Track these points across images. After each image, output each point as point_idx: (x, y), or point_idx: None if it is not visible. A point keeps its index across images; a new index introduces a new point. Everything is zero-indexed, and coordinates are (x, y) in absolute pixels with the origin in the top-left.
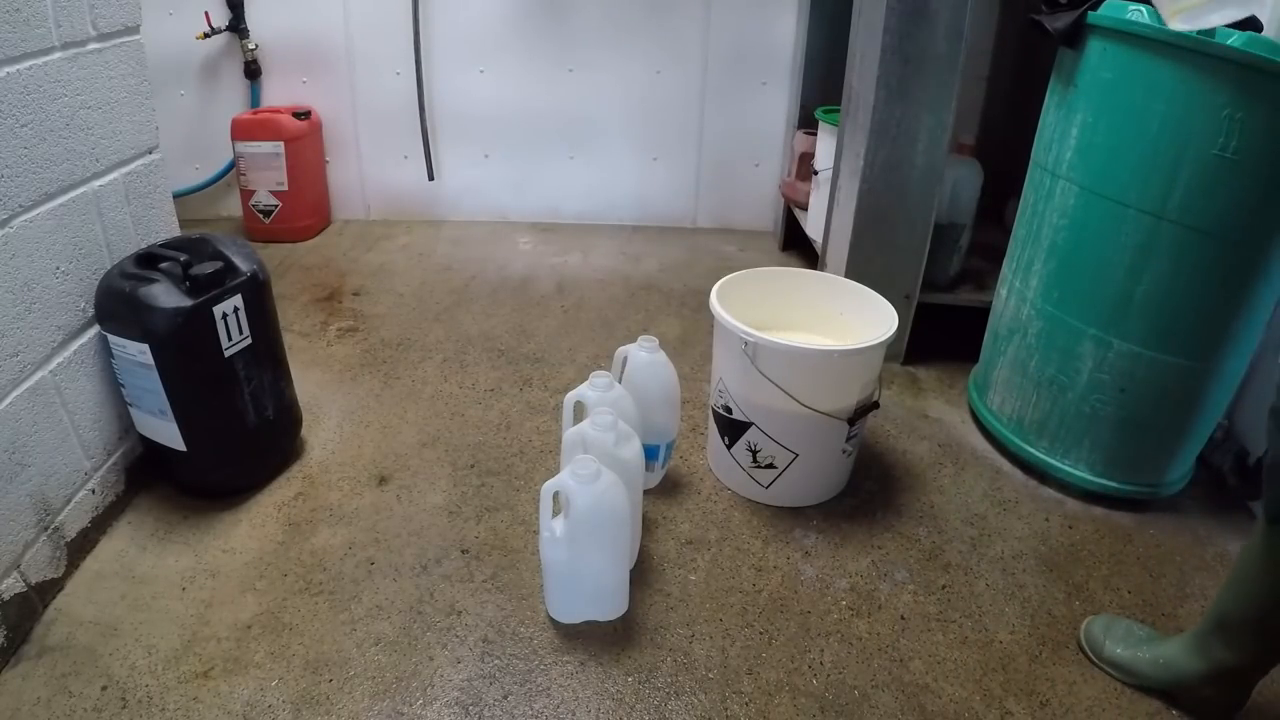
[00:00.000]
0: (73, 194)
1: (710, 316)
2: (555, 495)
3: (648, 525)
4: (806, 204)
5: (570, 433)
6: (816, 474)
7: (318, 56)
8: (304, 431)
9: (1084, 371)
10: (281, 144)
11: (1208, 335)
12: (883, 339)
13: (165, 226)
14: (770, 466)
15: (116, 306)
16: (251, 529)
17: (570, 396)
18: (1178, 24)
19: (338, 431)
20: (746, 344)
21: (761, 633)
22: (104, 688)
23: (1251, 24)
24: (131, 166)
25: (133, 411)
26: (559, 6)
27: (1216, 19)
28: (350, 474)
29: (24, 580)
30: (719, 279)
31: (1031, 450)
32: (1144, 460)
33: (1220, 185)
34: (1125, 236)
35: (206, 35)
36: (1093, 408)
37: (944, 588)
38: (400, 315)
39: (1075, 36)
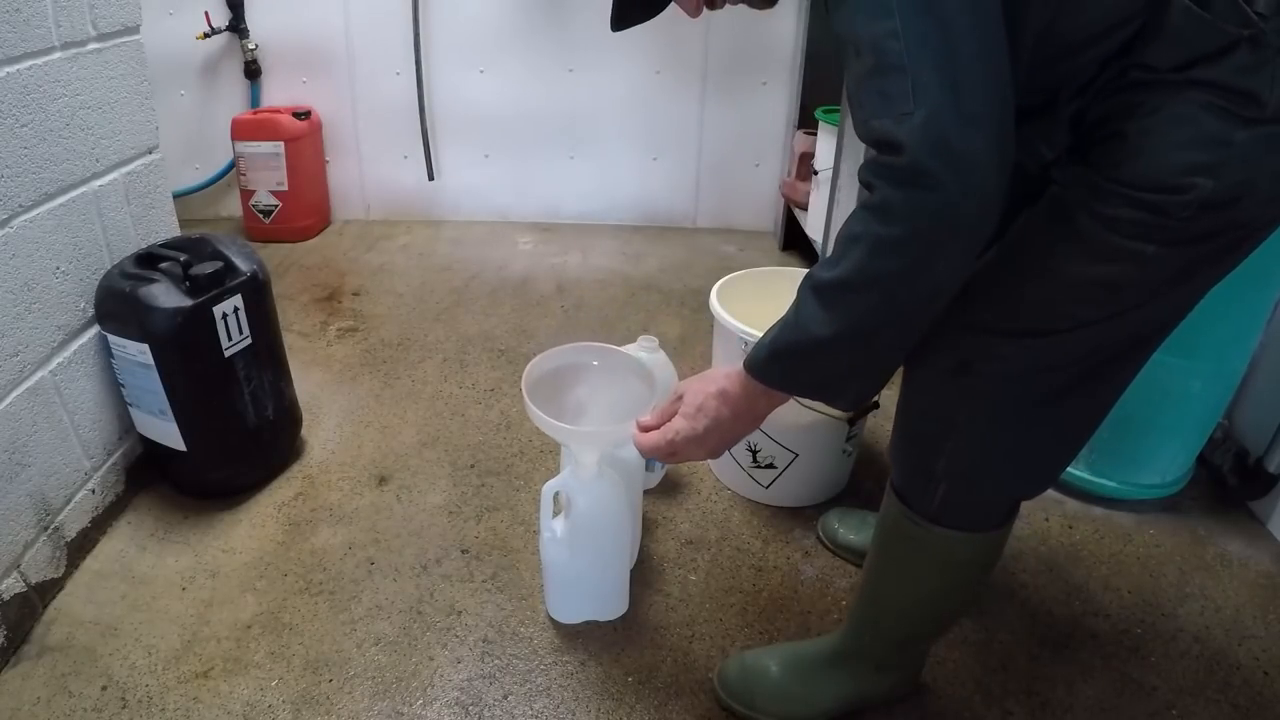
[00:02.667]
0: (73, 194)
1: (710, 316)
2: (556, 495)
3: (648, 525)
4: (806, 204)
5: None
6: (816, 474)
7: (318, 56)
8: (304, 431)
9: None
10: (281, 144)
11: (1208, 335)
12: None
13: (165, 226)
14: (770, 466)
15: (116, 306)
16: (251, 529)
17: None
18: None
19: (338, 431)
20: (746, 344)
21: (761, 633)
22: (104, 688)
23: None
24: (131, 166)
25: (133, 411)
26: (559, 6)
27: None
28: (350, 474)
29: (24, 580)
30: (719, 279)
31: None
32: (1143, 460)
33: None
34: None
35: (206, 35)
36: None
37: None
38: (400, 315)
39: None
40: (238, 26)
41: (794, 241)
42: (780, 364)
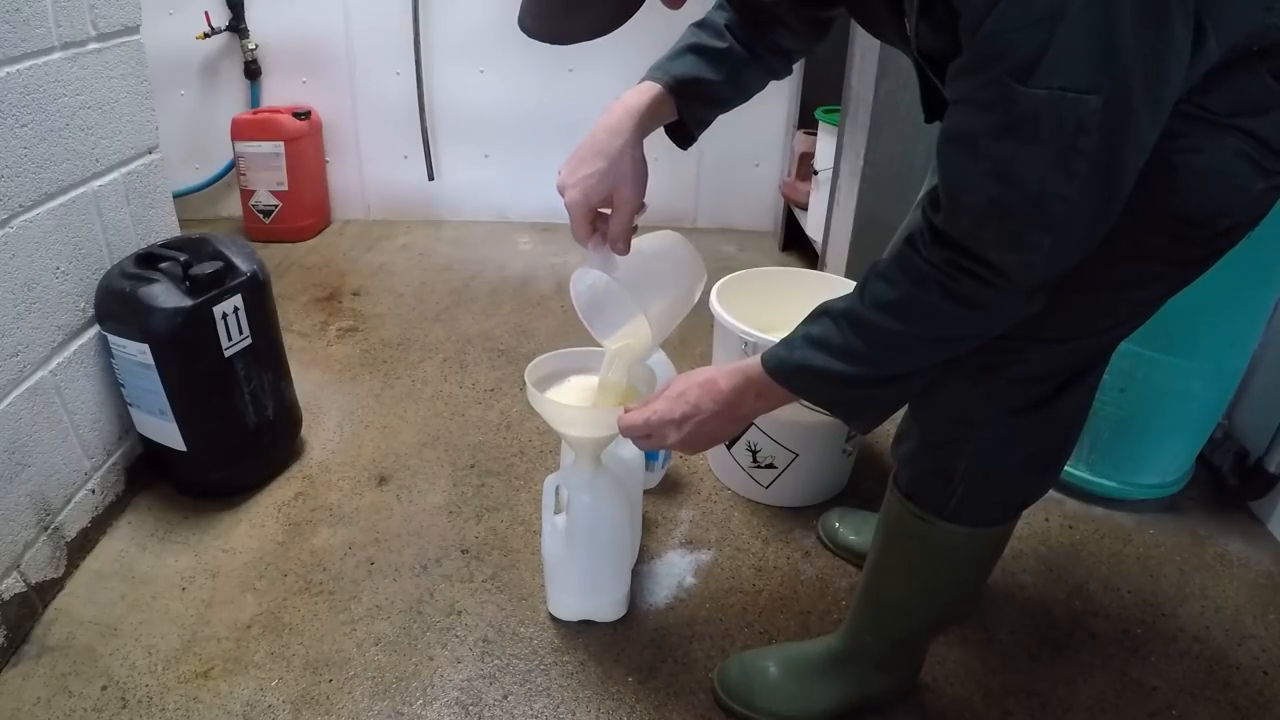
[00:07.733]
0: (73, 194)
1: (710, 316)
2: (557, 490)
3: (648, 525)
4: (806, 204)
5: None
6: (816, 474)
7: (318, 56)
8: (304, 431)
9: None
10: (281, 144)
11: (1208, 335)
12: None
13: (165, 226)
14: (770, 466)
15: (116, 306)
16: (251, 529)
17: None
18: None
19: (338, 431)
20: (746, 344)
21: (761, 632)
22: (104, 688)
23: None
24: (131, 166)
25: (133, 411)
26: None
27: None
28: (350, 474)
29: (24, 580)
30: (719, 279)
31: None
32: (1143, 460)
33: None
34: None
35: (206, 35)
36: (1092, 407)
37: None
38: (400, 315)
39: None
40: (238, 26)
41: (794, 241)
42: (806, 379)
